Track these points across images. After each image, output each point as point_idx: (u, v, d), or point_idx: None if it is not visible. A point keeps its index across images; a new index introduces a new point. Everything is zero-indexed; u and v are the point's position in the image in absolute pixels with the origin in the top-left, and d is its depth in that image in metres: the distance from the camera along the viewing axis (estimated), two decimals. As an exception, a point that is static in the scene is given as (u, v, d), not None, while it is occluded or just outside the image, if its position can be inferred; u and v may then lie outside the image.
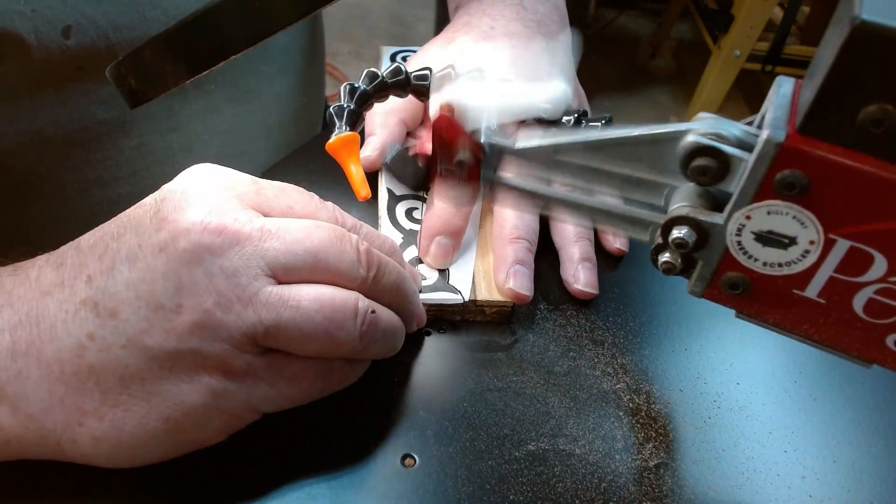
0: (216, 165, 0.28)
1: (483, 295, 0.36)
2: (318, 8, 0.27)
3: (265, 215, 0.27)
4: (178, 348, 0.24)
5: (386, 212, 0.41)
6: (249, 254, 0.25)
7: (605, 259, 0.41)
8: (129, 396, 0.24)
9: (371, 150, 0.43)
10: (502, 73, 0.40)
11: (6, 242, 0.44)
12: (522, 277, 0.36)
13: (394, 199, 0.42)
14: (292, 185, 0.29)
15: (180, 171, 0.28)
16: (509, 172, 0.30)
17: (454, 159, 0.29)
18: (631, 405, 0.33)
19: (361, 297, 0.27)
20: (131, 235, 0.25)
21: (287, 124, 0.58)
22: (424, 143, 0.30)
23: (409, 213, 0.41)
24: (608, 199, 0.28)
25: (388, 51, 0.57)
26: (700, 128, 0.24)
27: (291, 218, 0.27)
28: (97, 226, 0.27)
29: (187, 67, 0.28)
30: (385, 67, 0.50)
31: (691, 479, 0.30)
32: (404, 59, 0.53)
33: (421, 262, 0.38)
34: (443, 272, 0.37)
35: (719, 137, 0.23)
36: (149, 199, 0.27)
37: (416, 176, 0.31)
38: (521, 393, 0.33)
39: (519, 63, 0.43)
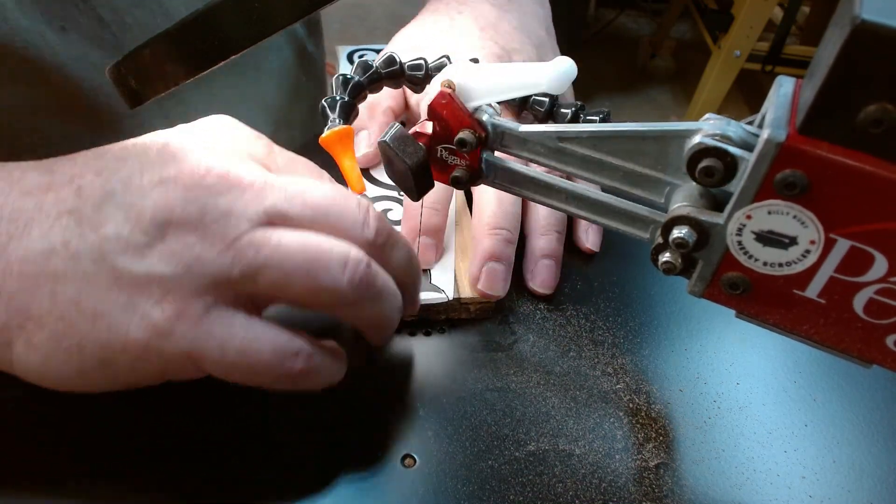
0: (232, 119, 0.28)
1: (466, 292, 0.36)
2: (319, 8, 0.27)
3: None
4: (147, 273, 0.24)
5: None
6: (247, 200, 0.25)
7: (605, 259, 0.41)
8: (77, 313, 0.24)
9: (367, 146, 0.42)
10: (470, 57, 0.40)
11: None
12: (495, 277, 0.35)
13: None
14: (304, 159, 0.29)
15: None
16: (510, 157, 0.29)
17: (454, 139, 0.28)
18: (631, 405, 0.33)
19: (356, 248, 0.26)
20: (134, 161, 0.25)
21: (286, 103, 0.57)
22: (425, 123, 0.30)
23: (384, 214, 0.40)
24: (609, 194, 0.28)
25: (344, 50, 0.55)
26: (709, 129, 0.23)
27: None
28: None
29: (187, 67, 0.28)
30: (344, 68, 0.50)
31: (691, 479, 0.30)
32: (361, 57, 0.52)
33: None
34: (425, 272, 0.37)
35: (727, 139, 0.23)
36: (161, 133, 0.26)
37: (416, 155, 0.30)
38: (521, 393, 0.33)
39: (487, 46, 0.43)
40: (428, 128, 0.29)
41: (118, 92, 0.29)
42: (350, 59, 0.54)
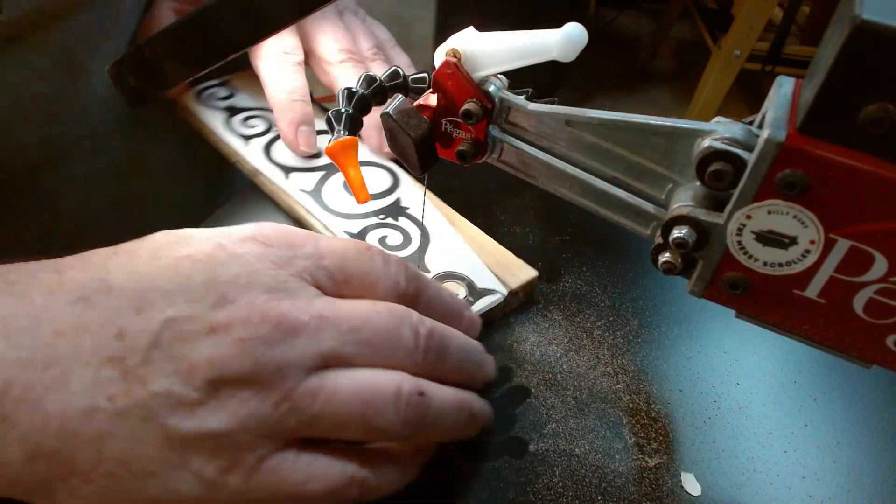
0: (278, 225, 0.27)
1: (513, 283, 0.36)
2: (318, 8, 0.27)
3: (322, 290, 0.26)
4: (198, 431, 0.22)
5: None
6: (303, 347, 0.23)
7: (605, 259, 0.41)
8: (126, 471, 0.22)
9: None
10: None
11: None
12: (310, 138, 0.40)
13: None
14: (353, 247, 0.28)
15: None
16: (515, 135, 0.29)
17: (459, 111, 0.27)
18: (631, 405, 0.33)
19: (407, 377, 0.25)
20: (181, 299, 0.23)
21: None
22: (429, 95, 0.29)
23: (381, 241, 0.39)
24: (613, 183, 0.28)
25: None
26: (721, 132, 0.23)
27: (350, 300, 0.26)
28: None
29: (187, 66, 0.28)
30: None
31: (691, 479, 0.30)
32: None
33: (446, 280, 0.36)
34: (471, 284, 0.36)
35: (737, 143, 0.23)
36: (201, 253, 0.24)
37: (420, 128, 0.29)
38: (521, 393, 0.33)
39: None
40: (432, 100, 0.29)
41: (118, 91, 0.29)
42: None
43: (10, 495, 0.23)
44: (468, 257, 0.38)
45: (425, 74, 0.39)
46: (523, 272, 0.37)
